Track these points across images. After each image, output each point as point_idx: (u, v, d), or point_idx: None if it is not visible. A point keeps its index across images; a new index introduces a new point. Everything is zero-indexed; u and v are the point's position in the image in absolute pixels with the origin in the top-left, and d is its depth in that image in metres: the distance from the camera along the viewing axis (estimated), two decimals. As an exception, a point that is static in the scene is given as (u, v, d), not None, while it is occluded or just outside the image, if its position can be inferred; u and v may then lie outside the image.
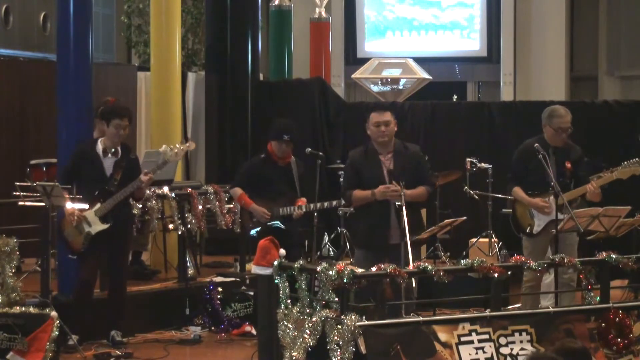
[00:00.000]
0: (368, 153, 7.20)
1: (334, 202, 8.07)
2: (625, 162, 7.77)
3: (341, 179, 10.40)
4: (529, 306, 7.46)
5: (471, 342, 5.67)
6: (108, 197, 7.71)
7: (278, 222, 8.11)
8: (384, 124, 7.09)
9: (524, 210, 7.83)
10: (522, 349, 5.72)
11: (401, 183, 6.86)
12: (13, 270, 7.79)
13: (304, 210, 8.10)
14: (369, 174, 7.11)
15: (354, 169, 7.24)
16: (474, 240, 10.03)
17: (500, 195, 10.01)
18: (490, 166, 9.94)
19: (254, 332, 8.15)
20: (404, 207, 6.79)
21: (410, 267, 6.04)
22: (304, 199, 8.21)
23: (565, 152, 7.64)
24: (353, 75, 15.54)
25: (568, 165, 7.55)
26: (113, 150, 7.81)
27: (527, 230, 7.80)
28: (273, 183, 8.18)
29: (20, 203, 9.19)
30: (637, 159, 7.80)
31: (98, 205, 7.72)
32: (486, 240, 9.97)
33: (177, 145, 7.98)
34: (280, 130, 8.18)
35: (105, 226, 7.72)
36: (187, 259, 9.26)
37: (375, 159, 7.13)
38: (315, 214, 8.62)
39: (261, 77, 13.14)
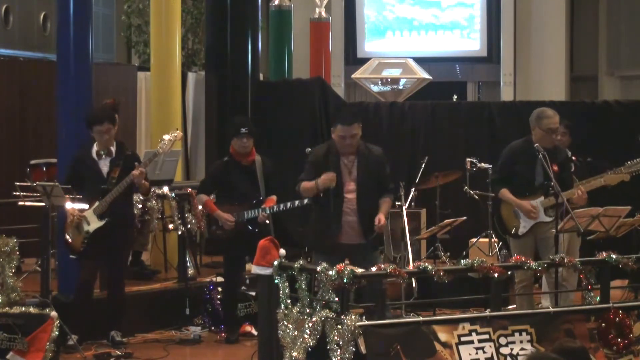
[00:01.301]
0: (330, 153, 7.10)
1: (305, 201, 8.03)
2: (629, 162, 7.76)
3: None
4: (524, 307, 7.46)
5: (471, 342, 5.67)
6: (105, 195, 7.73)
7: (249, 227, 8.11)
8: (349, 137, 6.99)
9: (509, 212, 7.82)
10: (522, 349, 5.72)
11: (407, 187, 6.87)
12: (13, 270, 7.79)
13: (268, 212, 8.07)
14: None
15: (313, 165, 7.15)
16: (474, 240, 10.03)
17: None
18: (490, 166, 9.92)
19: (254, 332, 8.15)
20: (404, 208, 6.80)
21: (411, 266, 6.05)
22: (273, 198, 8.17)
23: (552, 154, 7.61)
24: (353, 75, 15.54)
25: (555, 167, 7.54)
26: (107, 151, 7.83)
27: (513, 231, 7.80)
28: (235, 185, 8.16)
29: (20, 203, 9.20)
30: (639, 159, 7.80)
31: (96, 204, 7.73)
32: (486, 240, 9.97)
33: (165, 137, 7.97)
34: (237, 125, 8.20)
35: (101, 223, 7.72)
36: (187, 259, 9.26)
37: (336, 160, 7.04)
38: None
39: (261, 77, 13.13)
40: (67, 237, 7.83)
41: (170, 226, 9.34)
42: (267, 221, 8.14)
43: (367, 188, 6.98)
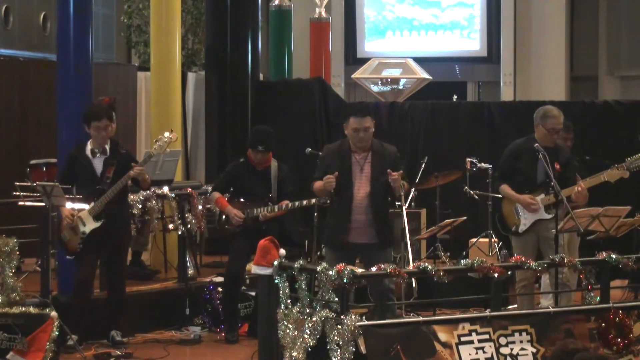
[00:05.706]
0: (342, 150, 7.09)
1: (313, 200, 8.03)
2: (629, 158, 7.74)
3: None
4: (525, 306, 7.46)
5: (471, 342, 5.67)
6: (101, 196, 7.72)
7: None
8: (363, 130, 6.97)
9: (510, 209, 7.83)
10: (522, 349, 5.72)
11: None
12: (13, 270, 7.79)
13: (269, 212, 8.07)
14: (337, 170, 6.98)
15: (325, 163, 7.16)
16: (474, 240, 10.03)
17: (500, 196, 10.00)
18: (490, 166, 9.93)
19: (254, 332, 8.15)
20: (404, 208, 6.79)
21: (411, 266, 6.05)
22: (286, 202, 8.14)
23: (554, 153, 7.60)
24: (353, 75, 15.53)
25: (557, 166, 7.53)
26: (101, 150, 7.83)
27: (513, 229, 7.80)
28: (249, 186, 8.21)
29: (20, 203, 9.19)
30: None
31: (92, 205, 7.73)
32: (486, 240, 9.97)
33: (160, 137, 7.96)
34: (255, 140, 8.20)
35: (97, 224, 7.72)
36: (187, 259, 9.26)
37: (347, 157, 7.03)
38: (316, 214, 8.62)
39: (261, 77, 13.13)
40: (62, 237, 7.84)
41: (170, 226, 9.34)
42: (281, 212, 8.13)
43: (380, 186, 6.92)
